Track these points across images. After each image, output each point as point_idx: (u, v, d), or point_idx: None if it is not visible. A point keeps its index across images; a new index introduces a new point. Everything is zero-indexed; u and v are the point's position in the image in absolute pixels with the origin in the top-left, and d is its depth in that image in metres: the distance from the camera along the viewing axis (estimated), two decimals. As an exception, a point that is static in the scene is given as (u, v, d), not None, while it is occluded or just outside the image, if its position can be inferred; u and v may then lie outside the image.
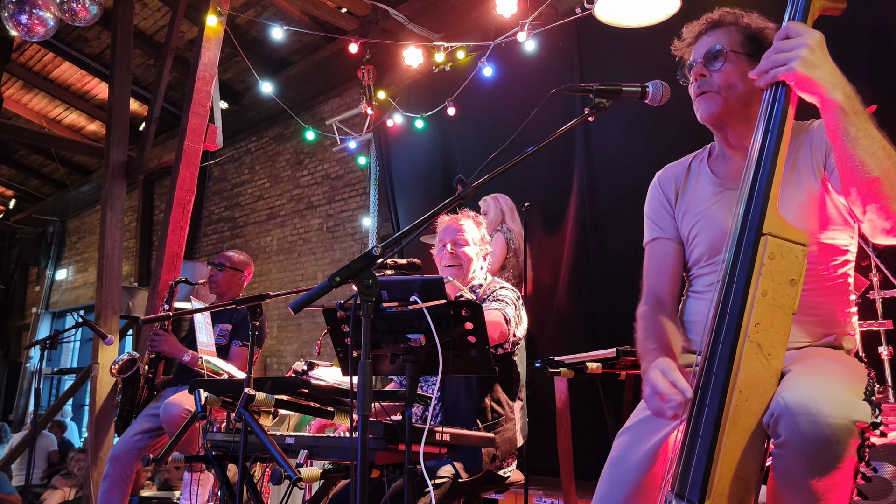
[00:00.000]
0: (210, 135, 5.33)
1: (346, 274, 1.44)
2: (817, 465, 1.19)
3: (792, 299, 1.29)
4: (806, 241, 1.32)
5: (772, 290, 1.29)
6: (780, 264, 1.30)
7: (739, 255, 1.33)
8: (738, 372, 1.26)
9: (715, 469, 1.24)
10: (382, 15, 6.50)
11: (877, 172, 1.32)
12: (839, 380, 1.29)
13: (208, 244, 9.99)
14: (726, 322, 1.31)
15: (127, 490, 3.78)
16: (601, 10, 3.88)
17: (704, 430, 1.27)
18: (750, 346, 1.27)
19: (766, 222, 1.32)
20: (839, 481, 1.20)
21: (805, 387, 1.24)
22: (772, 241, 1.30)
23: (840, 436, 1.17)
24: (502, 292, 2.67)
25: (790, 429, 1.20)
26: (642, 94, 1.68)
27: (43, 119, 10.51)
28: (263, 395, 2.18)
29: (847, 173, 1.37)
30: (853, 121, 1.33)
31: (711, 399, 1.28)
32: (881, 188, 1.33)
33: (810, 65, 1.32)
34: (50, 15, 5.14)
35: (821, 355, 1.48)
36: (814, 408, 1.19)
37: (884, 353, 3.03)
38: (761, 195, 1.34)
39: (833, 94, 1.33)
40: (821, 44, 1.35)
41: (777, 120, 1.38)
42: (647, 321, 1.73)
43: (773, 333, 1.28)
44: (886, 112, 3.15)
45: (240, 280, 4.19)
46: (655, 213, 1.88)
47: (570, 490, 3.39)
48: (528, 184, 5.34)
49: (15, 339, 13.72)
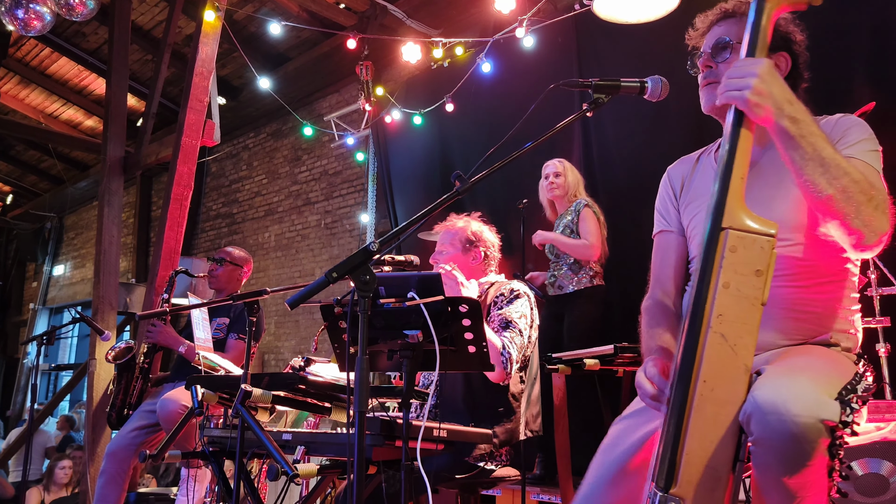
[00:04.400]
0: (208, 131, 5.32)
1: (344, 270, 1.43)
2: (788, 463, 1.21)
3: (759, 290, 1.31)
4: (774, 231, 1.33)
5: (735, 282, 1.31)
6: (744, 256, 1.32)
7: (704, 249, 1.37)
8: (702, 362, 1.29)
9: (681, 456, 1.26)
10: (381, 10, 6.49)
11: (829, 191, 1.36)
12: (812, 378, 1.30)
13: (206, 240, 9.98)
14: (689, 314, 1.34)
15: (124, 486, 3.78)
16: (600, 6, 3.87)
17: (670, 418, 1.30)
18: (713, 337, 1.29)
19: (725, 217, 1.34)
20: (812, 479, 1.22)
21: (776, 385, 1.26)
22: (732, 234, 1.33)
23: (808, 434, 1.19)
24: (517, 307, 2.58)
25: (761, 427, 1.22)
26: (641, 90, 1.68)
27: (40, 114, 10.49)
28: (260, 392, 2.18)
29: (803, 193, 1.42)
30: (801, 143, 1.37)
31: (677, 389, 1.31)
32: (836, 206, 1.37)
33: (759, 94, 1.38)
34: (47, 10, 5.13)
35: (802, 353, 1.49)
36: (782, 407, 1.21)
37: (881, 350, 3.04)
38: (723, 192, 1.37)
39: (780, 121, 1.38)
40: (770, 72, 1.40)
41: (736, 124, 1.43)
42: (649, 315, 1.75)
43: (739, 324, 1.30)
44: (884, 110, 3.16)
45: (239, 276, 4.19)
46: (662, 206, 1.90)
47: (568, 486, 3.39)
48: (527, 179, 5.33)
49: (12, 335, 13.71)
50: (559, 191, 4.35)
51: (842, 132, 1.57)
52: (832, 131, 1.58)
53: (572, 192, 4.36)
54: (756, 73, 1.39)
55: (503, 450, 2.53)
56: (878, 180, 1.47)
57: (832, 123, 1.61)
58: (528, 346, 2.59)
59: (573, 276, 4.21)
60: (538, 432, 2.69)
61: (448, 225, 2.84)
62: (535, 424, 2.69)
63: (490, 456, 2.48)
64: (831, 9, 3.92)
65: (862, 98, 3.48)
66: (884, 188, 1.46)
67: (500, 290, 2.66)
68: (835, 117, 1.63)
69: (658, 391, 1.47)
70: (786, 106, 1.38)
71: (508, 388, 2.57)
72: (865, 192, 1.38)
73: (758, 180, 1.64)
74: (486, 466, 2.47)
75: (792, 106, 1.39)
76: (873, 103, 2.94)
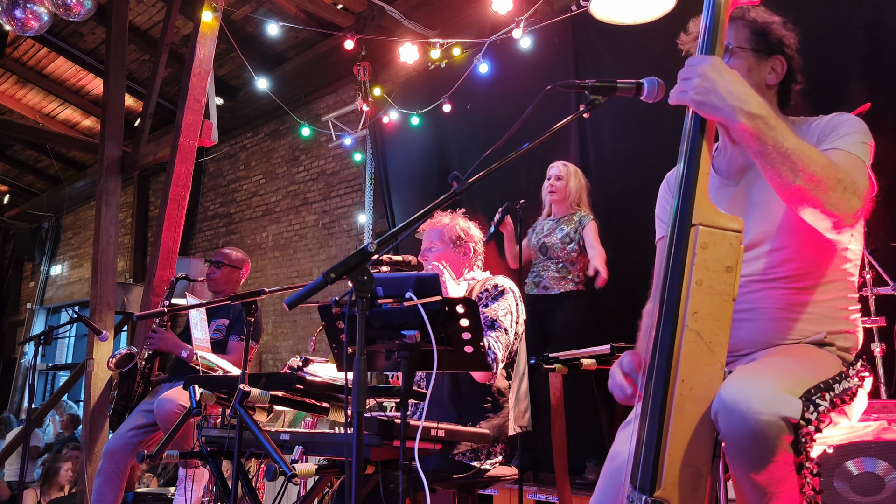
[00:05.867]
0: (205, 131, 5.31)
1: (342, 270, 1.44)
2: (752, 459, 1.23)
3: (730, 286, 1.31)
4: (740, 228, 1.34)
5: (707, 279, 1.31)
6: (714, 253, 1.32)
7: (672, 246, 1.36)
8: (680, 361, 1.29)
9: (663, 458, 1.26)
10: (378, 11, 6.49)
11: (798, 182, 1.37)
12: (778, 376, 1.31)
13: (203, 240, 9.97)
14: (663, 313, 1.33)
15: (121, 486, 3.78)
16: (596, 7, 3.88)
17: (650, 420, 1.30)
18: (689, 335, 1.29)
19: (695, 213, 1.34)
20: (779, 475, 1.23)
21: (740, 383, 1.27)
22: (702, 230, 1.33)
23: (768, 431, 1.21)
24: (502, 304, 2.57)
25: (726, 425, 1.24)
26: (637, 91, 1.68)
27: (37, 114, 10.47)
28: (258, 392, 2.18)
29: (773, 185, 1.43)
30: (761, 138, 1.38)
31: (655, 389, 1.31)
32: (808, 194, 1.38)
33: (702, 91, 1.40)
34: (44, 10, 5.12)
35: (782, 352, 1.50)
36: (744, 404, 1.22)
37: (877, 350, 3.06)
38: (689, 188, 1.37)
39: (737, 117, 1.39)
40: (713, 68, 1.41)
41: (696, 127, 1.44)
42: (649, 318, 1.75)
43: (713, 321, 1.30)
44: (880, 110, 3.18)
45: (237, 277, 4.20)
46: (662, 211, 1.90)
47: (564, 485, 3.40)
48: (524, 180, 5.34)
49: (9, 335, 13.69)
50: (557, 195, 4.32)
51: (833, 127, 1.58)
52: (824, 128, 1.59)
53: (574, 199, 4.31)
54: (699, 71, 1.41)
55: (498, 447, 2.53)
56: (855, 166, 1.47)
57: (825, 121, 1.62)
58: (515, 342, 2.60)
59: (560, 279, 4.21)
60: (527, 428, 2.69)
61: (434, 222, 2.84)
62: (524, 420, 2.69)
63: (487, 454, 2.49)
64: (827, 9, 3.97)
65: (857, 99, 3.49)
66: (857, 173, 1.46)
67: (485, 286, 2.66)
68: (829, 116, 1.64)
69: (629, 385, 1.53)
70: (738, 102, 1.39)
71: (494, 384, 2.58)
72: (833, 176, 1.38)
73: (756, 182, 1.65)
74: (481, 466, 2.47)
75: (746, 101, 1.39)
76: (868, 104, 2.95)
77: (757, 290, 1.57)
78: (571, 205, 4.32)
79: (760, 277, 1.57)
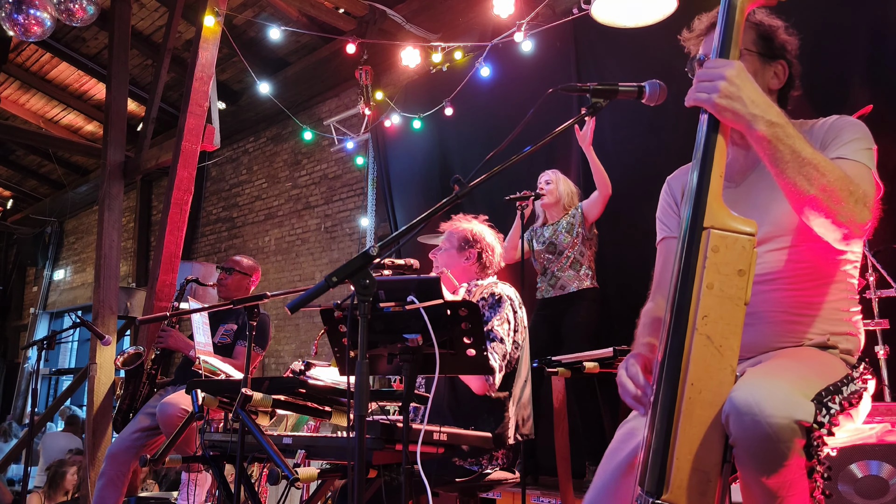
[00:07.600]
0: (208, 135, 5.33)
1: (344, 274, 1.44)
2: (764, 463, 1.22)
3: (742, 290, 1.30)
4: (753, 231, 1.33)
5: (718, 282, 1.30)
6: (726, 256, 1.31)
7: (684, 250, 1.35)
8: (689, 364, 1.28)
9: (672, 462, 1.25)
10: (380, 15, 6.50)
11: (812, 192, 1.37)
12: (790, 379, 1.31)
13: (206, 244, 9.98)
14: (674, 316, 1.32)
15: (123, 489, 3.78)
16: (598, 10, 3.88)
17: (659, 423, 1.29)
18: (699, 339, 1.28)
19: (707, 216, 1.33)
20: (790, 479, 1.22)
21: (752, 386, 1.26)
22: (714, 233, 1.32)
23: (781, 434, 1.20)
24: (500, 314, 2.55)
25: (738, 427, 1.23)
26: (639, 94, 1.68)
27: (40, 119, 10.50)
28: (261, 395, 2.18)
29: (786, 194, 1.42)
30: (779, 147, 1.37)
31: (664, 393, 1.29)
32: (821, 204, 1.37)
33: (728, 97, 1.38)
34: (47, 15, 5.13)
35: (789, 355, 1.49)
36: (756, 407, 1.21)
37: (880, 352, 3.05)
38: (702, 191, 1.36)
39: (756, 126, 1.38)
40: (739, 75, 1.39)
41: (711, 128, 1.43)
42: (647, 318, 1.75)
43: (724, 325, 1.29)
44: (883, 112, 3.17)
45: (247, 284, 4.22)
46: (663, 213, 1.89)
47: (567, 489, 3.39)
48: (526, 184, 5.33)
49: (12, 340, 13.71)
50: (550, 198, 4.37)
51: (836, 133, 1.57)
52: (827, 133, 1.58)
53: (565, 202, 4.40)
54: (724, 75, 1.39)
55: (500, 452, 2.52)
56: (863, 177, 1.46)
57: (827, 125, 1.61)
58: (514, 351, 2.58)
59: (575, 275, 4.22)
60: (529, 436, 2.65)
61: (451, 223, 2.85)
62: (526, 428, 2.64)
63: (489, 459, 2.48)
64: (829, 11, 3.96)
65: (860, 100, 3.49)
66: (866, 183, 1.46)
67: (482, 294, 2.64)
68: (830, 119, 1.63)
69: (642, 393, 1.48)
70: (759, 110, 1.38)
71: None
72: (846, 188, 1.38)
73: (757, 185, 1.64)
74: (482, 471, 2.46)
75: (766, 110, 1.38)
76: (871, 106, 2.95)
77: (757, 292, 1.56)
78: (564, 207, 4.39)
79: (760, 279, 1.56)
